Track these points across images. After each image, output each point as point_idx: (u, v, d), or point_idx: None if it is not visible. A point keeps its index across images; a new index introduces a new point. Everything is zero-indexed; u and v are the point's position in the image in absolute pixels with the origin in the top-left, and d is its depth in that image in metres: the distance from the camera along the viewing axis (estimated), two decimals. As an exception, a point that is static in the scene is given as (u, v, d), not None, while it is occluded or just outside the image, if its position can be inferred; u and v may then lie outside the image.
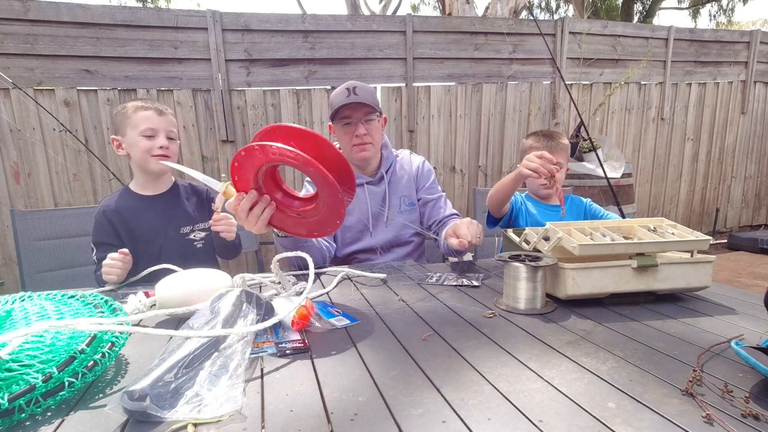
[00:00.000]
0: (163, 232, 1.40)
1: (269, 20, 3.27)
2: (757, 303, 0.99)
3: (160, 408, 0.55)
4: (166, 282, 0.93)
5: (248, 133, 3.35)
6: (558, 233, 0.98)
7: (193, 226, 1.46)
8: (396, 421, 0.55)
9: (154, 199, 1.43)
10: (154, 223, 1.40)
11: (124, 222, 1.39)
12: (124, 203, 1.41)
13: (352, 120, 1.42)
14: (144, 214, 1.41)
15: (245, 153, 0.84)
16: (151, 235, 1.40)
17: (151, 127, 1.35)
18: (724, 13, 10.98)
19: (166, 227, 1.40)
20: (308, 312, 0.84)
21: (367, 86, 1.44)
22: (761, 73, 4.76)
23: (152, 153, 1.36)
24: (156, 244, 1.40)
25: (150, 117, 1.36)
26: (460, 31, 3.67)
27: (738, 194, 5.06)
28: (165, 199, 1.44)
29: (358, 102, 1.38)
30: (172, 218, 1.43)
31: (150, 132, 1.36)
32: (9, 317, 0.70)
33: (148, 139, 1.36)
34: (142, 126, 1.35)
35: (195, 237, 1.46)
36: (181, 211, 1.45)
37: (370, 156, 1.47)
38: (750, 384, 0.63)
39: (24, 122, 2.91)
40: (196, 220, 1.47)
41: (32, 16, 2.84)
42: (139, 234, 1.39)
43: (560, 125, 4.01)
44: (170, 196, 1.46)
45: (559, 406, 0.57)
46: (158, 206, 1.43)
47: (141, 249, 1.37)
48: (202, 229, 1.48)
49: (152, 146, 1.36)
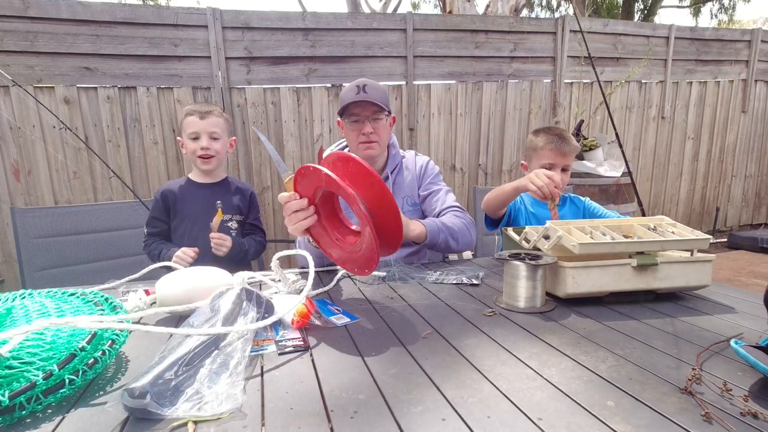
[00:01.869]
0: (206, 215, 1.55)
1: (269, 18, 3.26)
2: (757, 302, 0.99)
3: (161, 406, 0.55)
4: (167, 280, 0.93)
5: (248, 130, 3.35)
6: (558, 232, 0.98)
7: (233, 216, 1.64)
8: (396, 418, 0.55)
9: (205, 186, 1.63)
10: (200, 205, 1.59)
11: (175, 202, 1.59)
12: (179, 187, 1.62)
13: (360, 118, 1.42)
14: (193, 197, 1.61)
15: (312, 170, 0.88)
16: (196, 216, 1.58)
17: (194, 130, 1.54)
18: (725, 11, 10.95)
19: (210, 211, 1.53)
20: (308, 310, 0.84)
21: (377, 85, 1.44)
22: (762, 72, 4.75)
23: (197, 154, 1.55)
24: (198, 224, 1.57)
25: (193, 121, 1.54)
26: (461, 29, 3.67)
27: (738, 193, 5.06)
28: (214, 189, 1.63)
29: (367, 100, 1.38)
30: (216, 204, 1.56)
31: (194, 135, 1.55)
32: (9, 315, 0.70)
33: (194, 141, 1.55)
34: (188, 130, 1.55)
35: (231, 225, 1.64)
36: (226, 200, 1.62)
37: (376, 154, 1.48)
38: (749, 383, 0.64)
39: (24, 120, 2.90)
40: (236, 212, 1.65)
41: (32, 14, 2.84)
42: (186, 213, 1.59)
43: (560, 124, 4.01)
44: (219, 186, 1.65)
45: (559, 405, 0.57)
46: (207, 193, 1.61)
47: (186, 227, 1.59)
48: (237, 220, 1.66)
49: (196, 148, 1.55)
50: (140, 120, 3.13)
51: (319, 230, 1.00)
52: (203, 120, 1.54)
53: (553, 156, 1.50)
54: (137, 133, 3.14)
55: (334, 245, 0.99)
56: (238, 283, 0.82)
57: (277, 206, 3.47)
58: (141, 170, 3.17)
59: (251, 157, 3.39)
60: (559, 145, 1.49)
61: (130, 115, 3.11)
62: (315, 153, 3.50)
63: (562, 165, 1.50)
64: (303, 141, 3.47)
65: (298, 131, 3.45)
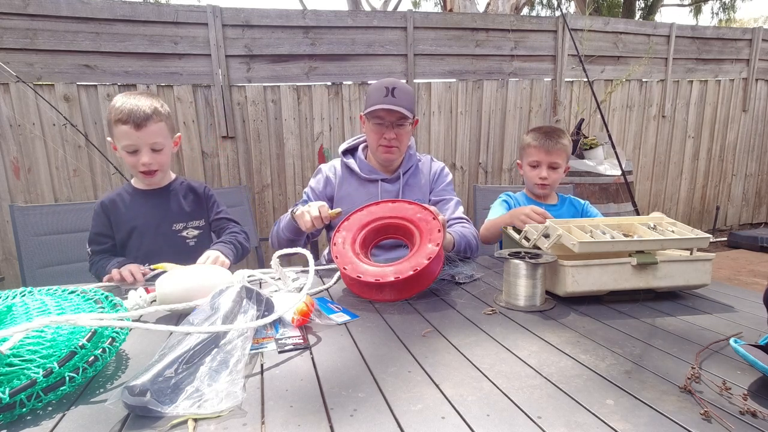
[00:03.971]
0: (154, 227, 1.38)
1: (270, 16, 3.26)
2: (757, 301, 0.99)
3: (161, 403, 0.56)
4: (167, 278, 0.93)
5: (248, 129, 3.34)
6: (558, 230, 0.98)
7: (187, 223, 1.42)
8: (395, 417, 0.55)
9: (150, 194, 1.41)
10: (147, 217, 1.38)
11: (118, 214, 1.37)
12: (121, 196, 1.39)
13: (384, 122, 1.41)
14: (138, 207, 1.38)
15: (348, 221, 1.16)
16: (143, 228, 1.37)
17: (130, 143, 1.26)
18: (725, 10, 10.93)
19: (158, 223, 1.38)
20: (308, 308, 0.84)
21: (406, 88, 1.43)
22: (763, 71, 4.75)
23: (138, 169, 1.31)
24: (146, 238, 1.37)
25: (128, 133, 1.24)
26: (461, 27, 3.66)
27: (738, 192, 5.06)
28: (161, 195, 1.41)
29: (394, 109, 1.37)
30: (166, 214, 1.40)
31: (131, 148, 1.27)
32: (10, 312, 0.70)
33: (131, 155, 1.28)
34: (123, 142, 1.26)
35: (188, 235, 1.42)
36: (176, 208, 1.42)
37: (394, 159, 1.50)
38: (748, 381, 0.64)
39: (24, 117, 2.90)
40: (191, 218, 1.43)
41: (32, 11, 2.83)
42: (132, 227, 1.37)
43: (561, 122, 4.00)
44: (166, 192, 1.42)
45: (558, 403, 0.58)
46: (153, 201, 1.40)
47: (133, 242, 1.37)
48: (195, 227, 1.44)
49: (136, 162, 1.29)
50: (140, 118, 3.12)
51: (339, 249, 1.10)
52: (140, 131, 1.24)
53: (538, 153, 1.51)
54: (137, 131, 3.13)
55: (344, 255, 1.09)
56: (238, 281, 0.82)
57: (277, 204, 3.47)
58: (141, 168, 3.17)
59: (251, 155, 3.39)
60: (543, 142, 1.50)
61: (130, 112, 3.10)
62: (315, 151, 3.50)
63: (548, 162, 1.51)
64: (303, 139, 3.47)
65: (299, 129, 3.45)
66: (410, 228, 1.11)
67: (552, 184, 1.54)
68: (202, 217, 1.46)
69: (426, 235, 1.06)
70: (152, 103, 1.28)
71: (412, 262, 1.00)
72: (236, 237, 1.42)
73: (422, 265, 0.98)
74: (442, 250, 1.05)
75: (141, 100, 1.27)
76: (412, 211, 1.13)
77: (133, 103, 1.25)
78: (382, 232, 1.16)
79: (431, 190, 1.57)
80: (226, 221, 1.49)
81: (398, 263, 1.02)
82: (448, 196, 1.56)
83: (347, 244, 1.10)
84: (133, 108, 1.24)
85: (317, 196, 1.53)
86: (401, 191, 1.51)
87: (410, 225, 1.11)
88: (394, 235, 1.16)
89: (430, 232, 1.06)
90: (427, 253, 1.01)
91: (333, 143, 3.52)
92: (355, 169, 1.52)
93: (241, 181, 3.37)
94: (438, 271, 1.07)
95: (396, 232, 1.15)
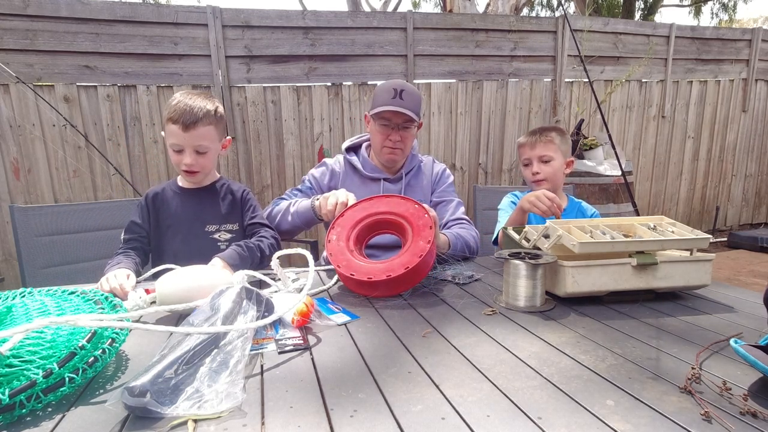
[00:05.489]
0: (188, 227, 1.37)
1: (269, 16, 3.26)
2: (757, 301, 0.99)
3: (161, 404, 0.55)
4: (167, 278, 0.93)
5: (248, 129, 3.34)
6: (558, 231, 0.98)
7: (220, 225, 1.40)
8: (395, 417, 0.55)
9: (191, 192, 1.41)
10: (182, 216, 1.38)
11: (157, 209, 1.38)
12: (164, 191, 1.40)
13: (390, 123, 1.42)
14: (176, 205, 1.39)
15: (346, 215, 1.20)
16: (177, 227, 1.37)
17: (176, 142, 1.29)
18: (725, 10, 10.94)
19: (192, 222, 1.37)
20: (308, 309, 0.84)
21: (414, 90, 1.43)
22: (763, 71, 4.75)
23: (181, 167, 1.33)
24: (179, 236, 1.37)
25: (175, 132, 1.27)
26: (461, 28, 3.66)
27: (738, 192, 5.06)
28: (200, 195, 1.41)
29: (401, 111, 1.37)
30: (201, 215, 1.39)
31: (177, 147, 1.30)
32: (10, 313, 0.70)
33: (176, 153, 1.31)
34: (170, 140, 1.29)
35: (220, 237, 1.40)
36: (212, 210, 1.40)
37: (398, 160, 1.50)
38: (748, 382, 0.64)
39: (24, 118, 2.90)
40: (225, 221, 1.41)
41: (31, 12, 2.83)
42: (167, 223, 1.38)
43: (561, 123, 4.00)
44: (206, 192, 1.42)
45: (558, 404, 0.58)
46: (192, 201, 1.40)
47: (166, 239, 1.38)
48: (228, 230, 1.41)
49: (179, 161, 1.32)
50: (140, 119, 3.13)
51: (337, 247, 1.12)
52: (187, 132, 1.26)
53: (526, 150, 1.55)
54: (137, 132, 3.13)
55: (341, 243, 1.12)
56: (238, 282, 0.82)
57: (277, 205, 3.47)
58: (141, 169, 3.17)
59: (251, 156, 3.39)
60: (528, 138, 1.54)
61: (130, 113, 3.11)
62: (315, 152, 3.50)
63: (537, 156, 1.52)
64: (303, 140, 3.47)
65: (298, 130, 3.45)
66: (403, 224, 1.14)
67: (548, 177, 1.51)
68: (236, 221, 1.43)
69: (418, 232, 1.09)
70: (206, 106, 1.30)
71: (403, 260, 1.03)
72: (260, 242, 1.35)
73: (414, 263, 1.01)
74: (434, 246, 1.07)
75: (196, 101, 1.29)
76: (404, 207, 1.16)
77: (187, 103, 1.27)
78: (375, 228, 1.19)
79: (433, 191, 1.57)
80: (260, 226, 1.44)
81: (390, 260, 1.05)
82: (449, 198, 1.56)
83: (341, 240, 1.13)
84: (186, 109, 1.26)
85: (320, 186, 1.54)
86: (403, 191, 1.52)
87: (403, 221, 1.14)
88: (386, 230, 1.19)
89: (421, 229, 1.09)
90: (419, 251, 1.03)
91: (333, 144, 3.52)
92: (358, 166, 1.53)
93: (241, 181, 3.37)
94: (430, 266, 1.10)
95: (389, 228, 1.18)
